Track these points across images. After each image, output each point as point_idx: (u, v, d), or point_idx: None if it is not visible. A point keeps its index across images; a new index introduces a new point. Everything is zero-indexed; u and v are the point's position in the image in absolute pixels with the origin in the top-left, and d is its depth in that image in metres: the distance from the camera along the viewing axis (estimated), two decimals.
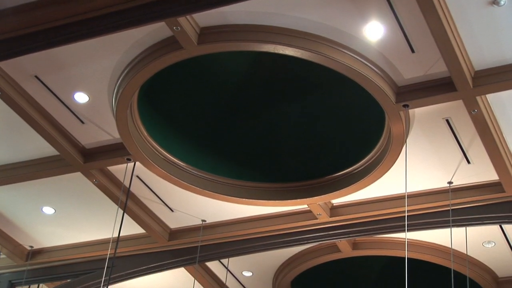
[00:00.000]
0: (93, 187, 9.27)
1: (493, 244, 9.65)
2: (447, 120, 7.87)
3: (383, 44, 7.13)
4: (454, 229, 9.10)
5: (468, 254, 9.67)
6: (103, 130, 8.53)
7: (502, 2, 6.52)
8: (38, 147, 8.81)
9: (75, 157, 8.75)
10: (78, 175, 9.08)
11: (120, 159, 8.76)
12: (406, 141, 7.98)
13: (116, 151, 8.72)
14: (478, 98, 7.39)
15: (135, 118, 8.24)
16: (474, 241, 9.56)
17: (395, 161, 8.25)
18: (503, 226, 9.27)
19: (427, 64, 7.28)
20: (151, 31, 7.20)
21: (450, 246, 9.30)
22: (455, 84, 7.25)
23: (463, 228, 9.26)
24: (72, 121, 8.43)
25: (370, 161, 8.56)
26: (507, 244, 9.61)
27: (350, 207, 9.32)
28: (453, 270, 9.23)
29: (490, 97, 7.54)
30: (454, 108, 7.66)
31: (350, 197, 9.08)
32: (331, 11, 6.83)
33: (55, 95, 8.08)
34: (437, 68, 7.29)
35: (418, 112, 7.79)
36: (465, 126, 7.88)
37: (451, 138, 8.08)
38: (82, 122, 8.43)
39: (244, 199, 9.06)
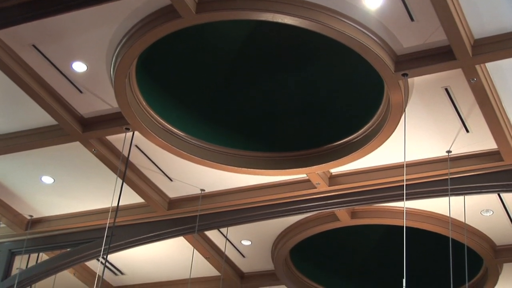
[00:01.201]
0: (92, 157, 9.28)
1: (491, 212, 9.69)
2: (446, 89, 7.86)
3: (382, 12, 7.09)
4: (453, 198, 9.13)
5: (466, 222, 9.71)
6: (102, 100, 8.51)
7: None
8: (37, 116, 8.80)
9: (73, 127, 8.74)
10: (76, 144, 9.09)
11: (119, 129, 8.75)
12: (405, 110, 7.98)
13: (115, 121, 8.71)
14: (477, 66, 7.38)
15: (134, 88, 8.22)
16: (472, 209, 9.59)
17: (394, 130, 8.25)
18: (501, 194, 9.29)
19: (426, 33, 7.25)
20: (149, 0, 7.16)
21: (448, 215, 9.33)
22: (455, 52, 7.23)
23: (462, 197, 9.28)
24: (70, 91, 8.41)
25: (369, 130, 8.56)
26: (505, 212, 9.64)
27: (349, 176, 9.33)
28: (451, 238, 9.27)
29: (490, 65, 7.53)
30: (453, 77, 7.65)
31: (349, 166, 9.10)
32: None
33: (53, 64, 8.05)
34: (437, 36, 7.26)
35: (417, 81, 7.78)
36: (464, 95, 7.87)
37: (450, 107, 8.07)
38: (80, 92, 8.42)
39: (243, 168, 9.07)
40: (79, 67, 8.04)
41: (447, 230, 9.56)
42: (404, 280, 6.77)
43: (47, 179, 9.92)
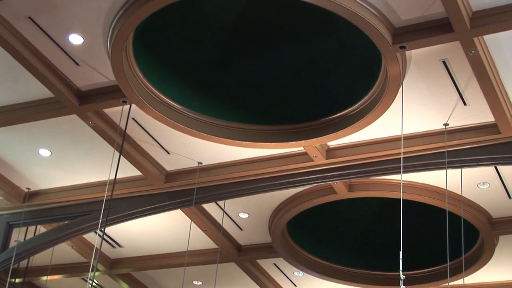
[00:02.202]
0: (89, 130, 9.27)
1: (488, 185, 9.71)
2: (443, 62, 7.84)
3: None
4: (450, 171, 9.15)
5: (463, 195, 9.74)
6: (98, 72, 8.48)
7: None
8: (33, 89, 8.77)
9: (70, 99, 8.73)
10: (73, 117, 9.07)
11: (116, 102, 8.74)
12: (402, 83, 7.96)
13: (112, 94, 8.69)
14: (475, 39, 7.35)
15: (131, 60, 8.19)
16: (469, 182, 9.62)
17: (392, 103, 8.25)
18: (498, 167, 9.31)
19: (424, 5, 7.21)
20: None
21: (445, 188, 9.35)
22: (452, 25, 7.20)
23: (458, 170, 9.30)
24: (67, 63, 8.38)
25: (367, 103, 8.55)
26: (502, 185, 9.66)
27: (346, 149, 9.34)
28: (448, 211, 9.31)
29: (488, 38, 7.50)
30: (451, 49, 7.63)
31: (346, 139, 9.10)
32: None
33: (49, 36, 8.01)
34: (435, 9, 7.23)
35: (414, 54, 7.75)
36: (461, 68, 7.85)
37: (447, 79, 8.06)
38: (77, 64, 8.39)
39: (240, 141, 9.07)
40: (75, 39, 8.01)
41: (444, 203, 9.59)
42: (400, 253, 6.80)
43: (44, 152, 9.92)
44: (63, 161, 10.09)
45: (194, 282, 12.96)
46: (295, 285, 12.85)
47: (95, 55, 8.20)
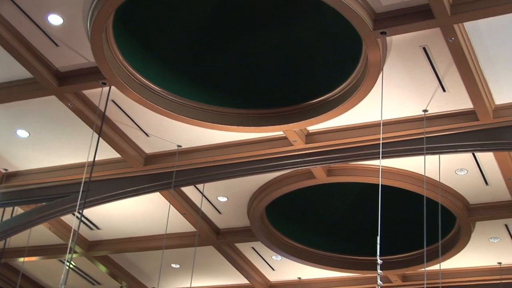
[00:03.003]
0: (68, 111, 9.22)
1: (466, 171, 9.78)
2: (424, 48, 7.86)
3: None
4: (428, 157, 9.20)
5: (440, 181, 9.80)
6: (78, 54, 8.42)
7: None
8: (12, 69, 8.70)
9: (49, 80, 8.66)
10: (52, 98, 9.01)
11: (95, 83, 8.68)
12: (382, 69, 7.98)
13: (91, 75, 8.64)
14: (455, 26, 7.38)
15: (110, 42, 8.14)
16: (447, 168, 9.68)
17: (371, 89, 8.26)
18: (476, 154, 9.37)
19: None
20: None
21: (423, 173, 9.40)
22: (433, 11, 7.21)
23: (437, 156, 9.36)
24: (46, 44, 8.31)
25: (347, 88, 8.56)
26: (479, 171, 9.73)
27: (325, 134, 9.35)
28: (426, 197, 9.36)
29: (468, 25, 7.53)
30: (431, 36, 7.65)
31: (326, 124, 9.11)
32: None
33: (28, 16, 7.93)
34: None
35: (395, 40, 7.77)
36: (441, 55, 7.88)
37: (427, 66, 8.09)
38: (56, 45, 8.32)
39: (220, 125, 9.06)
40: (55, 19, 7.94)
41: (422, 189, 9.65)
42: (378, 238, 6.84)
43: (22, 133, 9.86)
44: (41, 143, 10.03)
45: (172, 265, 12.97)
46: (273, 269, 12.91)
47: (75, 36, 8.13)
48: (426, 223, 8.81)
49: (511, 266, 11.93)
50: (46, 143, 10.03)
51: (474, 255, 11.72)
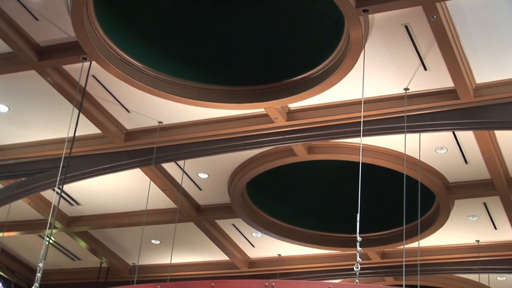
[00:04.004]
0: (48, 86, 9.16)
1: (445, 150, 9.83)
2: (406, 26, 7.86)
3: None
4: (408, 135, 9.24)
5: (420, 159, 9.85)
6: (58, 28, 8.35)
7: None
8: None
9: (29, 55, 8.59)
10: (32, 73, 8.94)
11: (76, 58, 8.62)
12: (364, 47, 7.98)
13: (72, 50, 8.57)
14: (437, 4, 7.38)
15: (91, 16, 8.07)
16: (427, 147, 9.73)
17: (353, 67, 8.27)
18: (456, 132, 9.42)
19: None
20: None
21: (403, 152, 9.45)
22: None
23: (417, 134, 9.40)
24: (26, 18, 8.23)
25: (328, 66, 8.56)
26: (459, 150, 9.79)
27: (307, 112, 9.37)
28: (406, 175, 9.41)
29: (450, 4, 7.54)
30: (413, 14, 7.65)
31: (307, 101, 9.12)
32: None
33: None
34: None
35: (377, 18, 7.76)
36: (423, 33, 7.89)
37: (409, 44, 8.10)
38: (36, 19, 8.24)
39: (201, 102, 9.04)
40: None
41: (402, 167, 9.69)
42: (358, 215, 6.87)
43: (1, 107, 9.78)
44: (21, 117, 9.96)
45: (152, 241, 12.98)
46: (253, 246, 12.95)
47: (55, 10, 8.06)
48: (405, 201, 8.87)
49: (489, 244, 12.04)
50: (26, 118, 9.96)
51: (453, 233, 11.81)
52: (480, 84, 8.58)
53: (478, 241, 12.04)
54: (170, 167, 10.87)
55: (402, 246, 11.08)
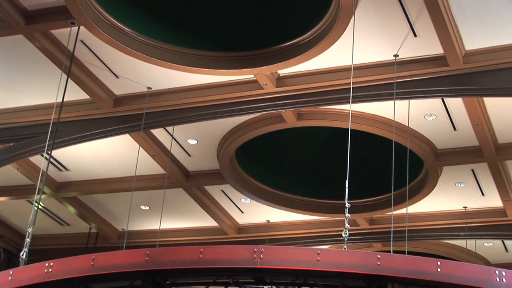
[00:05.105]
0: (36, 51, 9.09)
1: (434, 117, 9.84)
2: None
3: None
4: (398, 102, 9.23)
5: (409, 126, 9.86)
6: None
7: None
8: None
9: (16, 19, 8.51)
10: (20, 37, 8.87)
11: (64, 23, 8.55)
12: (354, 13, 7.94)
13: (60, 14, 8.50)
14: None
15: None
16: (416, 113, 9.74)
17: (343, 33, 8.23)
18: (445, 99, 9.43)
19: None
20: None
21: (392, 118, 9.45)
22: None
23: (406, 101, 9.39)
24: None
25: (318, 32, 8.52)
26: (448, 117, 9.81)
27: (296, 78, 9.35)
28: (395, 141, 9.44)
29: None
30: None
31: (297, 67, 9.09)
32: None
33: None
34: None
35: None
36: None
37: (399, 10, 8.06)
38: None
39: (191, 67, 9.00)
40: None
41: (391, 133, 9.71)
42: (347, 182, 6.89)
43: None
44: (9, 82, 9.90)
45: (141, 207, 13.01)
46: (242, 212, 13.00)
47: None
48: (394, 167, 8.89)
49: (476, 210, 12.13)
50: (14, 83, 9.90)
51: (441, 200, 11.88)
52: (469, 51, 8.57)
53: (465, 207, 12.12)
54: (159, 133, 10.85)
55: (390, 212, 11.14)
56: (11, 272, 6.66)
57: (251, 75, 9.23)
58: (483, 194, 11.65)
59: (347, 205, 6.74)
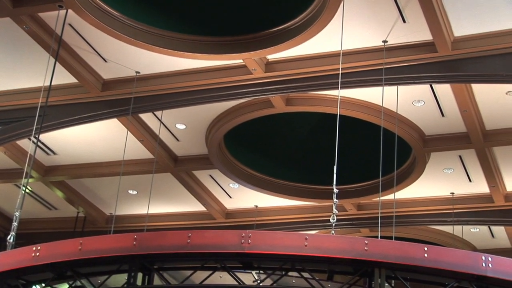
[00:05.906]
0: (23, 34, 9.03)
1: (423, 103, 9.86)
2: None
3: None
4: (386, 88, 9.25)
5: (398, 112, 9.88)
6: None
7: None
8: None
9: (3, 1, 8.44)
10: (7, 20, 8.81)
11: (52, 6, 8.49)
12: None
13: None
14: None
15: None
16: (404, 100, 9.75)
17: (332, 18, 8.23)
18: (433, 85, 9.45)
19: None
20: None
21: (381, 104, 9.47)
22: None
23: (395, 87, 9.41)
24: None
25: (307, 17, 8.51)
26: (436, 103, 9.83)
27: (285, 63, 9.34)
28: (383, 127, 9.45)
29: None
30: None
31: (286, 53, 9.08)
32: None
33: None
34: None
35: None
36: None
37: None
38: None
39: (179, 52, 8.98)
40: None
41: (379, 119, 9.73)
42: (335, 167, 6.91)
43: None
44: None
45: (129, 191, 12.99)
46: (230, 197, 13.01)
47: None
48: (382, 153, 8.91)
49: (463, 196, 12.18)
50: (1, 66, 9.84)
51: (428, 185, 11.93)
52: (458, 37, 8.59)
53: (453, 193, 12.18)
54: (147, 117, 10.83)
55: (378, 198, 11.18)
56: None
57: (240, 60, 9.21)
58: (470, 180, 11.71)
59: (335, 190, 6.76)
